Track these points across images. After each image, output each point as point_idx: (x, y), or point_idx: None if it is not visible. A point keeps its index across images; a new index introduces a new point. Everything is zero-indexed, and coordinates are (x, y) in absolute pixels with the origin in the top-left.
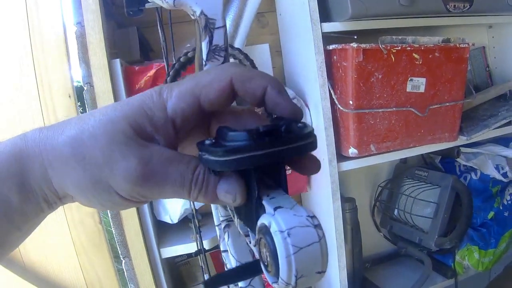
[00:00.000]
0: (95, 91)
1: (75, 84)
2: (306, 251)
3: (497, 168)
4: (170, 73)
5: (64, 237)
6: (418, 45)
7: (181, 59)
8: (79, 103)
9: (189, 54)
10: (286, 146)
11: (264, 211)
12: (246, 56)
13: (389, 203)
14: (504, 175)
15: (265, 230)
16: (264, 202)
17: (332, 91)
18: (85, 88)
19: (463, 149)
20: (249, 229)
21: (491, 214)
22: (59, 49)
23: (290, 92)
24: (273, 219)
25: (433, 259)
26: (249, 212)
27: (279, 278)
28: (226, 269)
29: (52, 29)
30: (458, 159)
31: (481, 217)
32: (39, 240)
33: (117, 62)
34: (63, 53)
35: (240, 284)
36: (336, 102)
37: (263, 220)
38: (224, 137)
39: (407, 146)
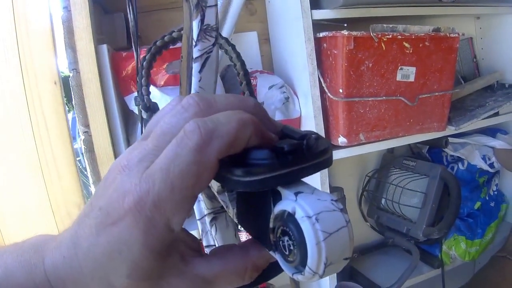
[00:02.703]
0: (81, 77)
1: (61, 70)
2: (336, 236)
3: (484, 158)
4: (146, 57)
5: (50, 229)
6: (408, 34)
7: (158, 43)
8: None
9: (166, 38)
10: (309, 163)
11: (280, 198)
12: (227, 40)
13: (377, 193)
14: (491, 165)
15: (287, 217)
16: (280, 189)
17: (321, 79)
18: (71, 74)
19: (451, 139)
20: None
21: (477, 204)
22: (45, 35)
23: (279, 81)
24: (297, 205)
25: (419, 249)
26: (260, 207)
27: (306, 267)
28: None
29: (38, 14)
30: (445, 149)
31: (468, 207)
32: (25, 232)
33: (104, 47)
34: (49, 38)
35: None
36: (326, 90)
37: (282, 206)
38: (243, 154)
39: (396, 136)
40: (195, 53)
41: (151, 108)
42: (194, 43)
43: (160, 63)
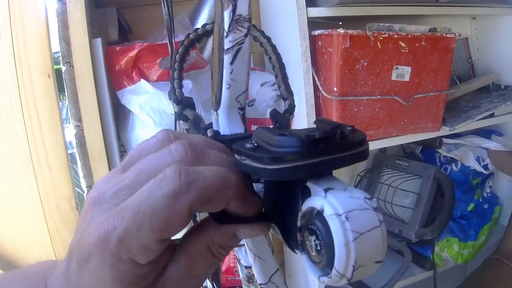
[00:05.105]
0: (74, 70)
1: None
2: (367, 237)
3: (478, 160)
4: (179, 50)
5: (38, 222)
6: (405, 33)
7: (191, 36)
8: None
9: (199, 31)
10: (342, 154)
11: (309, 194)
12: (262, 33)
13: (368, 193)
14: (485, 167)
15: (315, 214)
16: (309, 184)
17: (316, 77)
18: (64, 67)
19: (445, 140)
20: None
21: (471, 206)
22: (40, 27)
23: (271, 78)
24: (326, 202)
25: (411, 250)
26: (288, 203)
27: (333, 270)
28: (239, 265)
29: (33, 6)
30: (439, 150)
31: (461, 209)
32: (12, 224)
33: (98, 41)
34: (43, 31)
35: (259, 281)
36: (320, 88)
37: (311, 203)
38: (268, 141)
39: (389, 135)
40: (226, 44)
41: (183, 102)
42: (225, 34)
43: (153, 58)
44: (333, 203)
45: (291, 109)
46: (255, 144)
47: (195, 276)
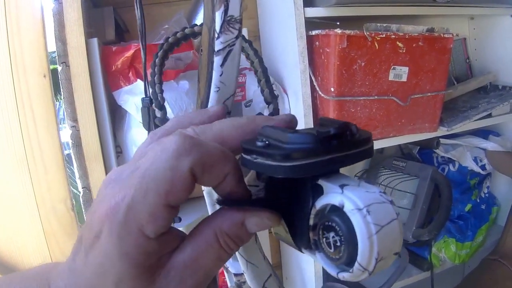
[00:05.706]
0: (70, 71)
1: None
2: (387, 229)
3: (475, 160)
4: (159, 54)
5: (34, 223)
6: (402, 34)
7: (170, 39)
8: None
9: (178, 34)
10: (353, 151)
11: (321, 192)
12: (243, 37)
13: None
14: (483, 167)
15: (333, 211)
16: (321, 182)
17: (313, 78)
18: (60, 67)
19: (442, 140)
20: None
21: (468, 206)
22: (36, 27)
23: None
24: (344, 197)
25: (408, 251)
26: (296, 202)
27: (356, 264)
28: (226, 274)
29: (29, 6)
30: (436, 150)
31: (459, 209)
32: (7, 225)
33: (94, 41)
34: (39, 31)
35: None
36: (317, 88)
37: (328, 200)
38: (280, 138)
39: (387, 136)
40: (217, 45)
41: (165, 107)
42: (216, 35)
43: (150, 58)
44: (352, 198)
45: (275, 113)
46: (266, 142)
47: (200, 268)
